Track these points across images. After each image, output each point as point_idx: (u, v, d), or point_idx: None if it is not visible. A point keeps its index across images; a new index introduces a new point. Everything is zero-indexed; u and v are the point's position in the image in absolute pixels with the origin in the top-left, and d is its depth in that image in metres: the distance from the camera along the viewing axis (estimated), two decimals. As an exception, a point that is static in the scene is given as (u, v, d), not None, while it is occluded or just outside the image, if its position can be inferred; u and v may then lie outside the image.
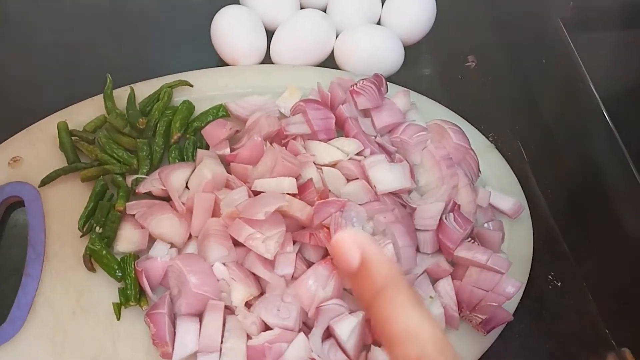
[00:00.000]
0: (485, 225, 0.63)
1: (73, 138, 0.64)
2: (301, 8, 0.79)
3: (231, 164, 0.61)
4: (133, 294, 0.55)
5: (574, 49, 0.69)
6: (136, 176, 0.61)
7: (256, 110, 0.65)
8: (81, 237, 0.59)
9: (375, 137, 0.64)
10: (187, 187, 0.60)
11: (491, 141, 0.72)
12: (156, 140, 0.64)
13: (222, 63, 0.75)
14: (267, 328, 0.52)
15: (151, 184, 0.60)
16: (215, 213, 0.58)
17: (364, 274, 0.30)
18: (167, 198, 0.60)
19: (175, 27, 0.82)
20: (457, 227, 0.57)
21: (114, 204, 0.59)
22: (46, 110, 0.67)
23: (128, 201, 0.60)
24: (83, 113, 0.67)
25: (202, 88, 0.69)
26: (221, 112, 0.66)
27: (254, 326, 0.52)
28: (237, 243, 0.55)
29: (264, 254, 0.53)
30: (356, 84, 0.65)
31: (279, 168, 0.57)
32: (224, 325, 0.53)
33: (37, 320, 0.55)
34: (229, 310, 0.54)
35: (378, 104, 0.65)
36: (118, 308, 0.56)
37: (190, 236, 0.58)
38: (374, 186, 0.58)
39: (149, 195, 0.60)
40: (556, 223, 0.70)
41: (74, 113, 0.67)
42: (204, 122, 0.65)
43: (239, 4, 0.77)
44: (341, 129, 0.64)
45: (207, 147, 0.64)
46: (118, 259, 0.57)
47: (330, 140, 0.62)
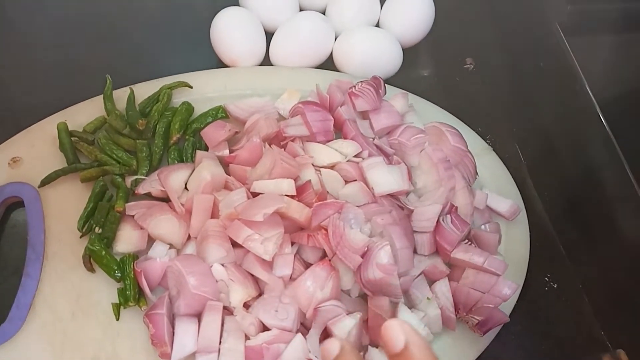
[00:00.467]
0: (482, 227, 0.63)
1: (73, 139, 0.64)
2: (300, 10, 0.79)
3: (230, 165, 0.62)
4: (132, 295, 0.55)
5: (571, 53, 0.70)
6: (135, 177, 0.62)
7: (255, 111, 0.66)
8: (81, 238, 0.59)
9: (373, 139, 0.64)
10: (186, 188, 0.60)
11: (489, 143, 0.73)
12: (155, 141, 0.64)
13: (222, 64, 0.76)
14: (266, 329, 0.53)
15: (150, 185, 0.60)
16: (214, 214, 0.58)
17: (406, 356, 0.34)
18: (167, 199, 0.60)
19: (175, 29, 0.82)
20: (454, 229, 0.58)
21: (114, 205, 0.59)
22: (46, 110, 0.67)
23: (127, 202, 0.60)
24: (83, 114, 0.67)
25: (202, 89, 0.70)
26: (220, 114, 0.67)
27: (252, 327, 0.52)
28: (236, 244, 0.55)
29: (263, 255, 0.53)
30: (355, 86, 0.65)
31: (278, 170, 0.57)
32: (223, 325, 0.53)
33: (37, 320, 0.55)
34: (228, 311, 0.54)
35: (376, 106, 0.65)
36: (117, 308, 0.56)
37: (189, 237, 0.58)
38: (372, 188, 0.59)
39: (148, 196, 0.60)
40: (553, 225, 0.70)
41: (74, 114, 0.67)
42: (203, 124, 0.66)
43: (239, 6, 0.77)
44: (339, 131, 0.65)
45: (206, 149, 0.64)
46: (117, 260, 0.57)
47: (328, 142, 0.63)
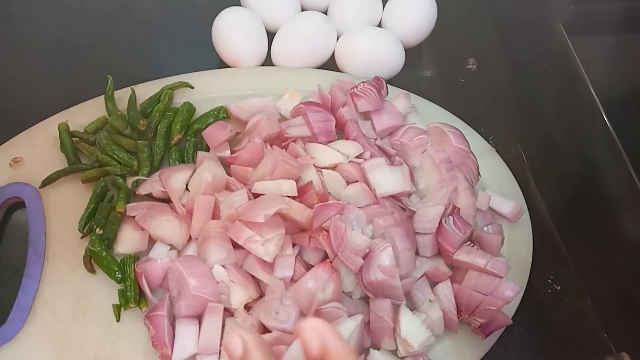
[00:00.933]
0: (484, 228, 0.63)
1: (74, 139, 0.64)
2: (302, 10, 0.79)
3: (231, 166, 0.61)
4: (133, 296, 0.55)
5: (575, 53, 0.69)
6: (136, 178, 0.61)
7: (257, 112, 0.66)
8: (81, 239, 0.59)
9: (375, 140, 0.64)
10: (188, 189, 0.60)
11: (491, 144, 0.72)
12: (157, 141, 0.64)
13: (223, 65, 0.75)
14: (266, 330, 0.52)
15: (151, 186, 0.60)
16: (215, 215, 0.58)
17: None
18: (168, 200, 0.60)
19: (176, 29, 0.82)
20: (457, 231, 0.57)
21: (115, 206, 0.59)
22: (47, 111, 0.67)
23: (128, 203, 0.60)
24: (84, 114, 0.67)
25: (203, 90, 0.69)
26: (222, 114, 0.67)
27: (253, 329, 0.52)
28: (237, 245, 0.55)
29: (264, 257, 0.53)
30: (357, 87, 0.65)
31: (279, 170, 0.57)
32: (223, 327, 0.53)
33: (37, 321, 0.55)
34: (228, 312, 0.54)
35: (378, 107, 0.65)
36: (118, 309, 0.56)
37: (190, 238, 0.58)
38: (374, 189, 0.58)
39: (149, 197, 0.60)
40: (556, 227, 0.70)
41: (75, 114, 0.67)
42: (205, 124, 0.65)
43: (240, 6, 0.77)
44: (341, 132, 0.64)
45: (208, 149, 0.64)
46: (118, 261, 0.57)
47: (330, 142, 0.62)
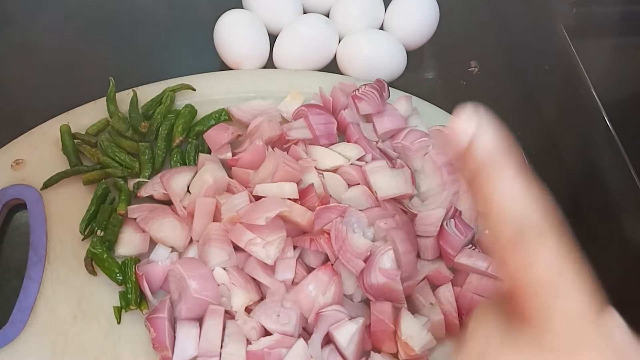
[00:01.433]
0: (486, 231, 0.62)
1: (75, 141, 0.64)
2: (304, 13, 0.79)
3: (233, 169, 0.61)
4: (134, 298, 0.55)
5: (577, 56, 0.69)
6: (138, 180, 0.61)
7: (258, 114, 0.66)
8: (82, 240, 0.59)
9: (376, 143, 0.64)
10: (189, 191, 0.60)
11: (493, 146, 0.72)
12: (158, 144, 0.64)
13: (225, 67, 0.75)
14: (267, 333, 0.52)
15: (153, 188, 0.60)
16: (216, 217, 0.58)
17: (471, 153, 0.32)
18: (169, 202, 0.60)
19: (178, 31, 0.82)
20: (458, 234, 0.57)
21: (116, 208, 0.59)
22: (49, 113, 0.67)
23: (130, 205, 0.60)
24: (85, 116, 0.67)
25: (205, 92, 0.70)
26: (223, 116, 0.67)
27: (254, 331, 0.52)
28: (238, 248, 0.55)
29: (265, 259, 0.53)
30: (358, 89, 0.65)
31: (280, 173, 0.57)
32: (224, 330, 0.53)
33: (38, 323, 0.55)
34: (229, 315, 0.54)
35: (380, 110, 0.65)
36: (119, 312, 0.56)
37: (191, 240, 0.58)
38: (375, 192, 0.58)
39: (151, 199, 0.60)
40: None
41: (77, 116, 0.67)
42: (206, 126, 0.65)
43: (242, 8, 0.77)
44: (343, 134, 0.64)
45: (209, 151, 0.64)
46: (119, 263, 0.57)
47: (331, 145, 0.62)
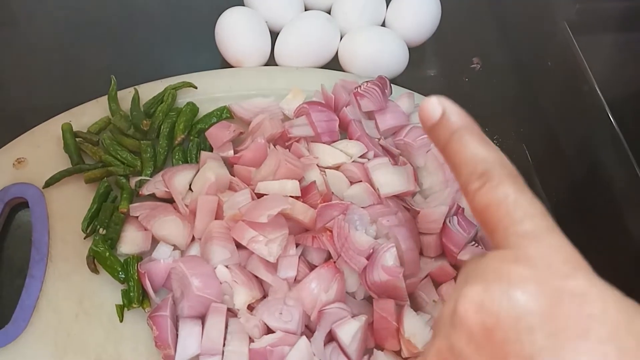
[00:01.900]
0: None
1: (77, 139, 0.64)
2: (305, 10, 0.79)
3: (234, 166, 0.61)
4: (136, 296, 0.55)
5: (580, 52, 0.69)
6: (140, 178, 0.61)
7: (260, 112, 0.65)
8: (85, 239, 0.59)
9: (379, 140, 0.64)
10: (191, 189, 0.60)
11: (496, 143, 0.71)
12: (160, 142, 0.64)
13: (226, 65, 0.75)
14: (270, 331, 0.52)
15: (155, 186, 0.60)
16: (218, 215, 0.57)
17: (443, 122, 0.37)
18: (171, 200, 0.60)
19: (179, 29, 0.82)
20: (461, 231, 0.57)
21: (118, 206, 0.59)
22: (51, 111, 0.67)
23: (131, 203, 0.60)
24: (87, 114, 0.67)
25: (206, 90, 0.69)
26: (225, 114, 0.66)
27: (256, 329, 0.52)
28: (240, 246, 0.55)
29: (267, 257, 0.53)
30: (360, 86, 0.64)
31: (282, 170, 0.57)
32: (227, 328, 0.53)
33: (40, 321, 0.55)
34: (232, 313, 0.54)
35: (382, 107, 0.64)
36: (121, 310, 0.56)
37: (193, 238, 0.58)
38: (378, 189, 0.58)
39: (153, 197, 0.60)
40: (560, 226, 0.69)
41: (78, 114, 0.67)
42: (208, 124, 0.65)
43: (244, 6, 0.77)
44: (345, 132, 0.64)
45: (211, 149, 0.64)
46: (121, 261, 0.57)
47: (333, 142, 0.62)
